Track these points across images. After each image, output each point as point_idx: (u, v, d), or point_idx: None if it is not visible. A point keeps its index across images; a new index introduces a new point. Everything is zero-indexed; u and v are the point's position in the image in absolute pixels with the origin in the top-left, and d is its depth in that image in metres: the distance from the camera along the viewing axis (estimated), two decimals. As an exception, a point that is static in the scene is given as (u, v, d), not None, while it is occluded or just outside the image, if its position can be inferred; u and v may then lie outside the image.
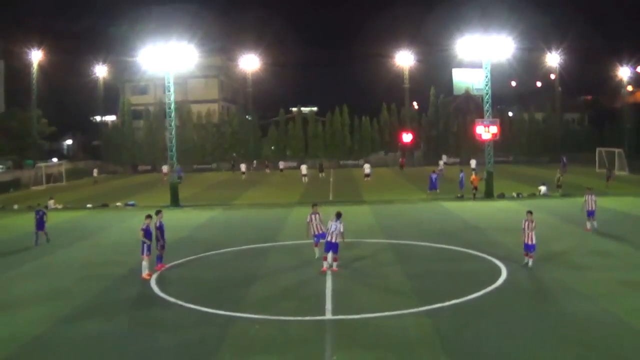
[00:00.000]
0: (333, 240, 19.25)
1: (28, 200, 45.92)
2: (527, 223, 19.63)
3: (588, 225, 26.12)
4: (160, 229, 20.46)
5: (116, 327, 14.57)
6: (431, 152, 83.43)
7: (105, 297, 17.43)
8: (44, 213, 27.58)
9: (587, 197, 26.34)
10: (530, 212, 20.03)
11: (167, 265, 20.72)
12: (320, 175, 62.05)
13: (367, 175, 55.38)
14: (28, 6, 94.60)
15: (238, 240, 26.20)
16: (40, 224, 26.89)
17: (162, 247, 20.52)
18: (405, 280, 18.40)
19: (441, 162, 65.25)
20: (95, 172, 67.38)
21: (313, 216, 21.29)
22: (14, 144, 71.93)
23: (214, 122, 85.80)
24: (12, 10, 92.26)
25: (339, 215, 19.83)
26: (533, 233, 19.52)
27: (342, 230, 19.44)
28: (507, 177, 52.20)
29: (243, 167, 65.89)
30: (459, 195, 40.61)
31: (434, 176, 43.19)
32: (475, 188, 39.84)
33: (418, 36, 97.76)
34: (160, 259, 20.58)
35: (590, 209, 26.06)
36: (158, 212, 20.97)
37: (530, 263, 19.41)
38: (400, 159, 75.18)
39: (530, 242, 19.50)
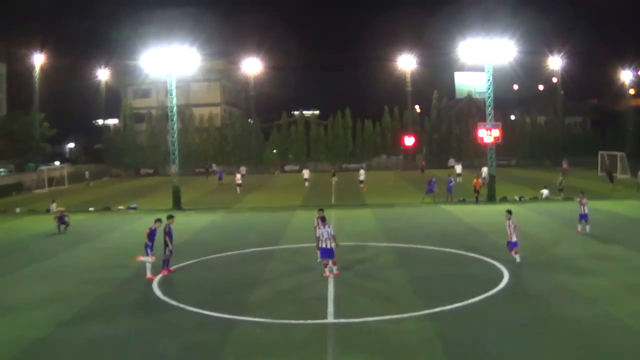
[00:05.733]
0: (328, 247, 19.20)
1: (30, 203, 46.00)
2: (508, 223, 20.63)
3: (579, 227, 26.43)
4: (169, 234, 20.36)
5: (118, 330, 14.56)
6: (433, 156, 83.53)
7: (107, 300, 17.43)
8: (64, 216, 31.81)
9: (579, 200, 26.61)
10: (509, 212, 21.10)
11: (171, 269, 20.69)
12: (333, 180, 61.21)
13: (361, 182, 52.11)
14: (30, 9, 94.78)
15: (240, 243, 26.19)
16: (62, 221, 31.35)
17: (170, 252, 20.43)
18: (407, 283, 18.40)
19: (458, 168, 58.34)
20: (87, 174, 67.58)
21: (319, 220, 21.07)
22: (16, 147, 71.98)
23: (216, 126, 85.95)
24: (14, 13, 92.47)
25: (324, 220, 19.80)
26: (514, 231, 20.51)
27: (333, 233, 19.39)
28: (509, 180, 52.20)
29: (306, 173, 59.49)
30: (460, 199, 40.55)
31: (432, 180, 42.75)
32: (477, 191, 39.74)
33: (420, 39, 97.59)
34: (166, 263, 20.50)
35: (582, 212, 26.27)
36: (170, 217, 21.07)
37: (517, 259, 20.38)
38: (420, 163, 75.30)
39: (512, 240, 20.55)
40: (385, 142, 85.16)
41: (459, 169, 57.50)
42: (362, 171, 55.39)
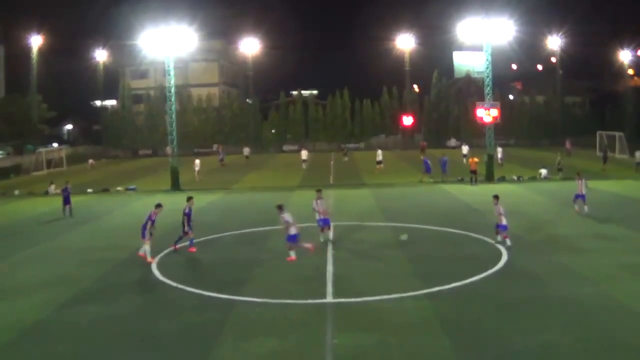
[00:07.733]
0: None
1: (29, 185, 45.96)
2: (495, 208, 20.49)
3: (576, 207, 26.45)
4: (188, 215, 20.74)
5: (118, 311, 14.59)
6: (432, 135, 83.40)
7: (107, 281, 17.46)
8: (69, 190, 30.85)
9: (577, 181, 26.62)
10: (496, 197, 20.90)
11: (168, 250, 20.73)
12: (344, 159, 62.00)
13: (379, 163, 50.65)
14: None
15: (239, 223, 26.25)
16: (67, 199, 30.19)
17: (185, 233, 20.87)
18: (406, 263, 18.44)
19: (465, 148, 56.31)
20: (90, 161, 67.41)
21: (318, 201, 21.46)
22: (14, 129, 71.72)
23: (214, 106, 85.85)
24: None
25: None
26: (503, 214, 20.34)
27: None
28: (507, 160, 52.07)
29: (304, 154, 57.91)
30: (459, 178, 40.49)
31: (427, 160, 42.57)
32: (474, 172, 39.21)
33: (419, 19, 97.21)
34: (188, 242, 21.03)
35: (580, 192, 26.27)
36: (189, 199, 21.65)
37: (508, 242, 20.10)
38: (421, 143, 74.14)
39: (502, 223, 20.32)
40: (384, 122, 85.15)
41: (465, 149, 55.97)
42: (379, 151, 53.49)
